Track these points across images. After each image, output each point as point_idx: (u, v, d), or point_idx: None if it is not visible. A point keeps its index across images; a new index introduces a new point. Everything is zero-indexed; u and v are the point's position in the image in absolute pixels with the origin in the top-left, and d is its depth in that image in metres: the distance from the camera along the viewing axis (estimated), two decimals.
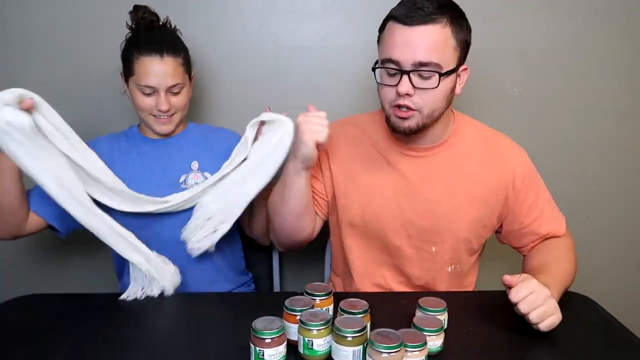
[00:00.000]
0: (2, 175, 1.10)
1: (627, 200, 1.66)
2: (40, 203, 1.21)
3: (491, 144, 1.19)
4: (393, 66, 1.05)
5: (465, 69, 1.11)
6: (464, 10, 1.09)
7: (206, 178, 1.27)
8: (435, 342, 0.89)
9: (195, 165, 1.30)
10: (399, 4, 1.06)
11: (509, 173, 1.17)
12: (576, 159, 1.63)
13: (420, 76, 1.04)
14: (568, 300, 1.14)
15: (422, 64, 1.02)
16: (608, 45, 1.54)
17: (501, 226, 1.25)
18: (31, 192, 1.22)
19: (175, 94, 1.25)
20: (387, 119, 1.12)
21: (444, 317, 0.95)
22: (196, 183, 1.27)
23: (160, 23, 1.28)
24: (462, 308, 1.05)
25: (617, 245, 1.70)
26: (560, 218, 1.23)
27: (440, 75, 1.03)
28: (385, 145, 1.20)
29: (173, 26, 1.31)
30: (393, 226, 1.18)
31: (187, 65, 1.28)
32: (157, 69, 1.20)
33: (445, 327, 0.94)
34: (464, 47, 1.08)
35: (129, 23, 1.26)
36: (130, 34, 1.27)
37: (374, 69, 1.11)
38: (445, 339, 0.91)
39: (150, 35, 1.24)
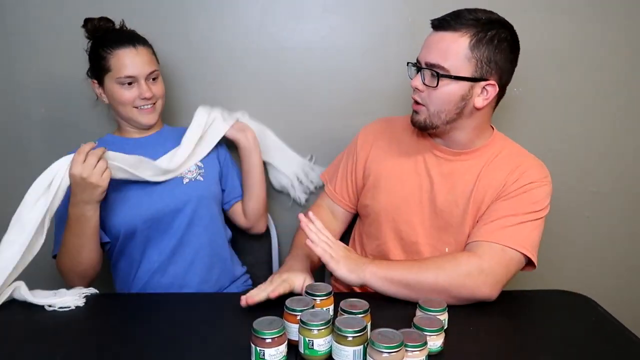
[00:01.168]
0: (88, 224, 1.17)
1: (627, 200, 1.66)
2: None
3: (515, 161, 1.17)
4: (417, 64, 1.16)
5: (492, 84, 1.10)
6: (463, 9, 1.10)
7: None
8: (435, 342, 0.89)
9: None
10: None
11: (509, 179, 1.15)
12: (576, 159, 1.63)
13: (432, 75, 1.11)
14: (568, 300, 1.15)
15: (430, 64, 1.11)
16: (608, 46, 1.54)
17: None
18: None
19: (154, 80, 1.30)
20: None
21: (444, 317, 0.95)
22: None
23: (117, 27, 1.31)
24: (462, 308, 1.05)
25: (617, 245, 1.70)
26: (511, 242, 1.08)
27: (440, 75, 1.09)
28: (419, 142, 1.25)
29: (129, 29, 1.34)
30: (413, 220, 1.21)
31: (156, 56, 1.34)
32: (134, 59, 1.25)
33: (445, 327, 0.94)
34: (487, 63, 1.08)
35: (86, 35, 1.28)
36: (91, 42, 1.30)
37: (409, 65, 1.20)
38: (445, 339, 0.91)
39: (115, 33, 1.29)
